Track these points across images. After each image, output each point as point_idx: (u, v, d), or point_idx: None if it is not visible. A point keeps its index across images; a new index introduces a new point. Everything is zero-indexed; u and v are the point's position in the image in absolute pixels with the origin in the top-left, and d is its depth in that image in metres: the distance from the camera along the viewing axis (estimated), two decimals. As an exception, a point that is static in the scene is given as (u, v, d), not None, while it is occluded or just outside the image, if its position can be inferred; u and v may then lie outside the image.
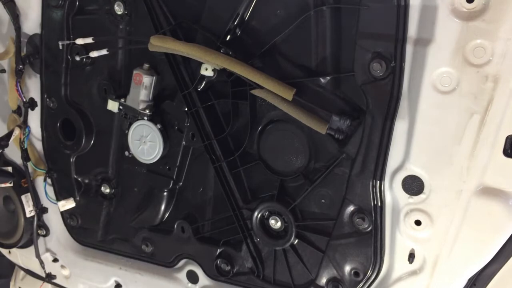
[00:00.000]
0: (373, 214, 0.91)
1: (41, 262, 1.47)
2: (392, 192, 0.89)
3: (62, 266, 1.46)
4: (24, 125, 1.35)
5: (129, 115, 1.14)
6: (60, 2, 1.17)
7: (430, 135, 0.83)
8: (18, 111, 1.38)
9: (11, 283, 1.77)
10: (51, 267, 1.49)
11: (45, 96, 1.29)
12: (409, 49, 0.81)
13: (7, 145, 1.32)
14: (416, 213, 0.88)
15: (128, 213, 1.27)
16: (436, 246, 0.87)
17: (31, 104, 1.33)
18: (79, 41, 1.14)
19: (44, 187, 1.37)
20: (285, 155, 1.02)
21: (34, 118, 1.34)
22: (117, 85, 1.17)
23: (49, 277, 1.48)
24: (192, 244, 1.17)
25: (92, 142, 1.28)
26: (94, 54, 1.14)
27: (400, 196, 0.89)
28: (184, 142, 1.13)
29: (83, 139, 1.27)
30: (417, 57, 0.80)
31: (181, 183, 1.18)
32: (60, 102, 1.27)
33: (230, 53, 0.97)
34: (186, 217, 1.18)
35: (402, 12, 0.79)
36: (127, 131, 1.16)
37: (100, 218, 1.32)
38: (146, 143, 1.14)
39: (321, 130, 0.92)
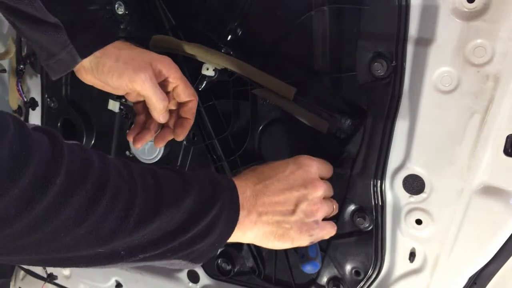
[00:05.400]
0: (374, 213, 0.91)
1: None
2: (393, 192, 0.90)
3: (63, 266, 1.46)
4: (25, 125, 1.35)
5: (130, 115, 1.14)
6: (61, 2, 1.17)
7: (431, 134, 0.83)
8: (18, 111, 1.38)
9: (11, 283, 1.77)
10: (51, 267, 1.49)
11: (46, 96, 1.29)
12: (410, 48, 0.81)
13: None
14: (417, 212, 0.88)
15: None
16: (437, 245, 0.88)
17: (32, 104, 1.33)
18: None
19: (44, 187, 1.37)
20: (285, 155, 1.02)
21: (35, 118, 1.34)
22: (118, 85, 1.17)
23: (51, 278, 1.49)
24: (193, 243, 1.17)
25: (92, 142, 1.28)
26: (95, 54, 1.14)
27: (401, 195, 0.89)
28: (185, 142, 1.13)
29: (84, 139, 1.27)
30: (418, 56, 0.81)
31: (181, 183, 1.18)
32: (61, 102, 1.27)
33: (231, 52, 0.98)
34: (187, 216, 1.18)
35: (403, 12, 0.79)
36: (127, 131, 1.16)
37: (101, 218, 1.32)
38: (147, 143, 1.13)
39: (322, 130, 0.92)
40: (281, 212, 0.76)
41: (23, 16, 0.85)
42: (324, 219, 0.85)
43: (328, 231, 0.86)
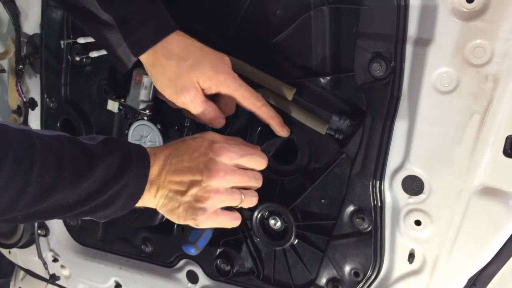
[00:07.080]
0: (373, 214, 0.91)
1: (44, 263, 1.46)
2: (392, 192, 0.89)
3: (62, 266, 1.46)
4: (25, 125, 1.35)
5: (129, 115, 1.14)
6: (60, 2, 1.17)
7: (430, 135, 0.83)
8: (18, 111, 1.38)
9: (11, 283, 1.77)
10: (51, 267, 1.49)
11: (45, 96, 1.29)
12: (409, 49, 0.81)
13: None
14: (416, 213, 0.88)
15: (128, 213, 1.26)
16: (436, 246, 0.87)
17: (32, 104, 1.33)
18: (81, 40, 1.14)
19: (44, 187, 1.37)
20: (284, 155, 1.02)
21: (34, 118, 1.34)
22: (117, 85, 1.17)
23: (53, 278, 1.48)
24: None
25: (92, 142, 1.28)
26: (94, 54, 1.14)
27: (400, 196, 0.89)
28: (184, 142, 1.13)
29: (83, 139, 1.27)
30: (417, 57, 0.80)
31: (181, 183, 1.18)
32: (60, 102, 1.27)
33: (231, 53, 0.97)
34: (186, 217, 1.18)
35: (402, 12, 0.79)
36: (127, 131, 1.16)
37: (100, 218, 1.32)
38: (146, 143, 1.13)
39: (321, 130, 0.92)
40: (174, 191, 0.81)
41: (82, 13, 0.87)
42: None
43: (224, 221, 0.87)
